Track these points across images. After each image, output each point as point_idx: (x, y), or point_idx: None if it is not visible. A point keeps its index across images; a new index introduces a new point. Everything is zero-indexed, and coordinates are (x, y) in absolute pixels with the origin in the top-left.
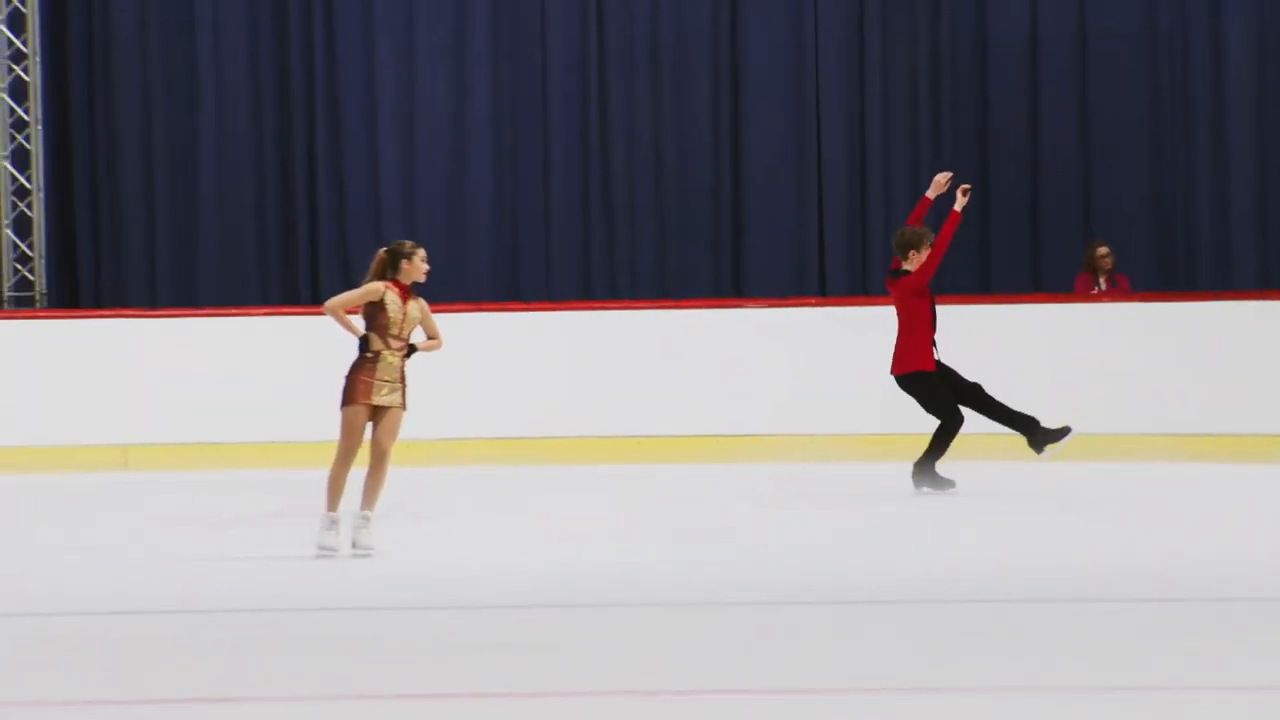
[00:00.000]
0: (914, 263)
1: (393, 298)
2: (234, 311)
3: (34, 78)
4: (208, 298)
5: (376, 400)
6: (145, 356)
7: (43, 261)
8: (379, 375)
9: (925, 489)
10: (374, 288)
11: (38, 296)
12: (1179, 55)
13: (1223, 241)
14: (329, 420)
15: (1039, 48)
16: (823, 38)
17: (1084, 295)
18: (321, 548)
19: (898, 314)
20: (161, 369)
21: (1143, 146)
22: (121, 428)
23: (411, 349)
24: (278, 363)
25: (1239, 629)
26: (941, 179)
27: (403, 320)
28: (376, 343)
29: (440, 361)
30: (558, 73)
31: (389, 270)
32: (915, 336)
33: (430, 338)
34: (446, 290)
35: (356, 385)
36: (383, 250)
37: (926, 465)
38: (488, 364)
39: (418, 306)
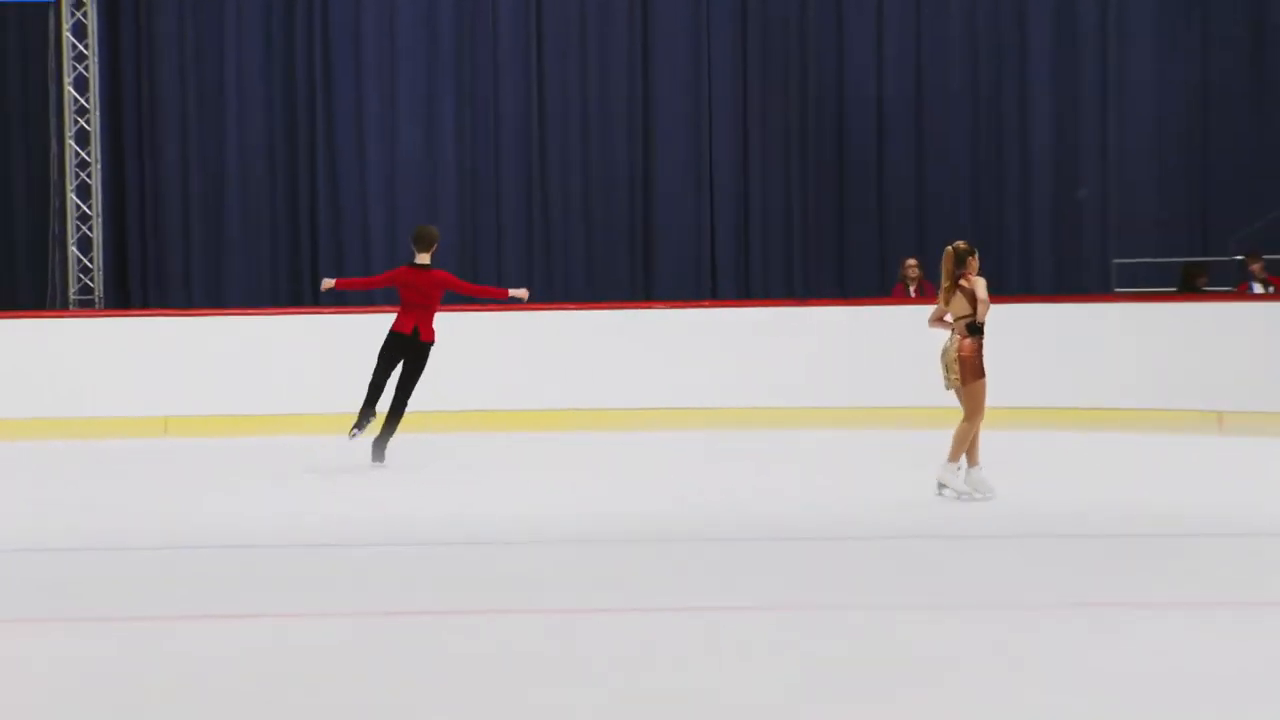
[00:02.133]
0: (432, 258)
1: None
2: (251, 311)
3: (94, 127)
4: (231, 300)
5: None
6: (181, 346)
7: (100, 273)
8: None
9: (380, 463)
10: (984, 282)
11: (96, 300)
12: (994, 107)
13: (1027, 256)
14: (326, 395)
15: (884, 100)
16: (715, 99)
17: (897, 298)
18: (976, 492)
19: (423, 295)
20: (194, 355)
21: (965, 181)
22: (162, 402)
23: (972, 327)
24: (287, 350)
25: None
26: (523, 294)
27: (948, 303)
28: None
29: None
30: (508, 121)
31: (957, 266)
32: (432, 314)
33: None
34: None
35: (981, 362)
36: (950, 248)
37: (384, 440)
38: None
39: (972, 289)
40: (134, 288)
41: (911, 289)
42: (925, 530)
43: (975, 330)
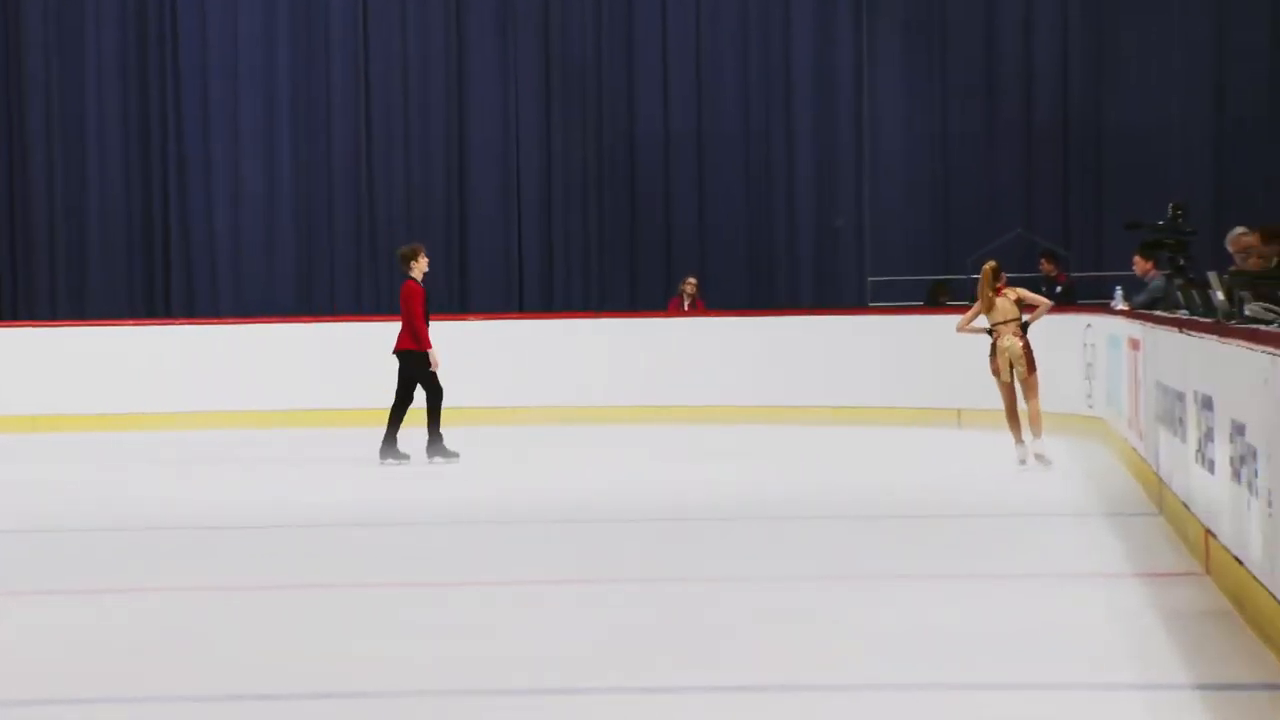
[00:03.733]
0: (416, 270)
1: (996, 299)
2: (109, 322)
3: None
4: (92, 313)
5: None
6: (48, 352)
7: None
8: (1000, 352)
9: (439, 459)
10: (980, 297)
11: None
12: (764, 146)
13: (793, 275)
14: (175, 396)
15: (669, 138)
16: (522, 135)
17: (674, 312)
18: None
19: (414, 309)
20: (59, 360)
21: (739, 209)
22: (31, 401)
23: (1025, 326)
24: (141, 356)
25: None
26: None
27: (992, 309)
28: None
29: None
30: (339, 154)
31: (995, 281)
32: (417, 324)
33: (1034, 307)
34: (260, 305)
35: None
36: (988, 267)
37: (437, 438)
38: (274, 358)
39: (1012, 297)
40: (4, 301)
41: (686, 303)
42: (715, 513)
43: (1024, 329)
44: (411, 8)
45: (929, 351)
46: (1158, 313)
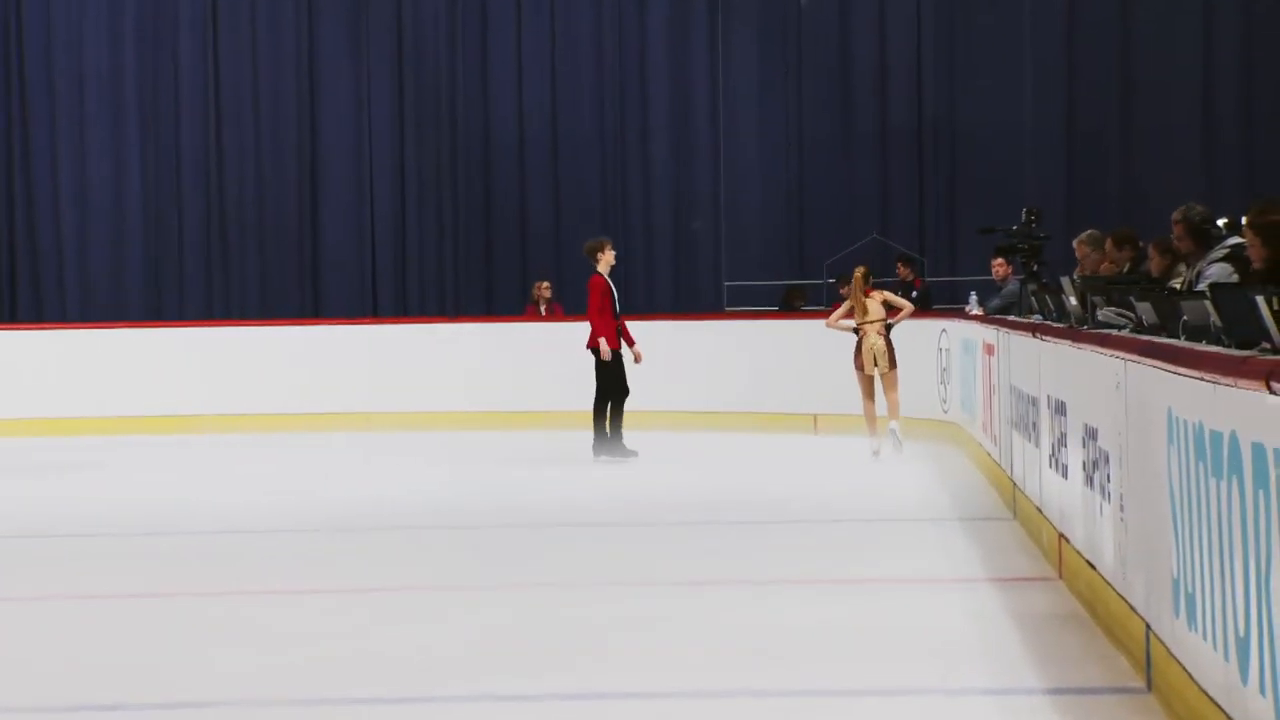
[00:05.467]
0: (602, 264)
1: (867, 300)
2: None
3: None
4: None
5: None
6: None
7: None
8: (865, 349)
9: (608, 457)
10: (853, 299)
11: None
12: (619, 146)
13: (650, 280)
14: (15, 402)
15: (524, 143)
16: (375, 138)
17: (530, 316)
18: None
19: (590, 302)
20: None
21: (595, 214)
22: None
23: (889, 327)
24: None
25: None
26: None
27: (866, 312)
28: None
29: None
30: (188, 158)
31: (865, 284)
32: (604, 319)
33: (899, 310)
34: (108, 311)
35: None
36: (859, 272)
37: (616, 437)
38: (127, 363)
39: (879, 299)
40: None
41: (542, 308)
42: (570, 519)
43: (888, 330)
44: (262, 8)
45: (785, 356)
46: (1012, 318)
